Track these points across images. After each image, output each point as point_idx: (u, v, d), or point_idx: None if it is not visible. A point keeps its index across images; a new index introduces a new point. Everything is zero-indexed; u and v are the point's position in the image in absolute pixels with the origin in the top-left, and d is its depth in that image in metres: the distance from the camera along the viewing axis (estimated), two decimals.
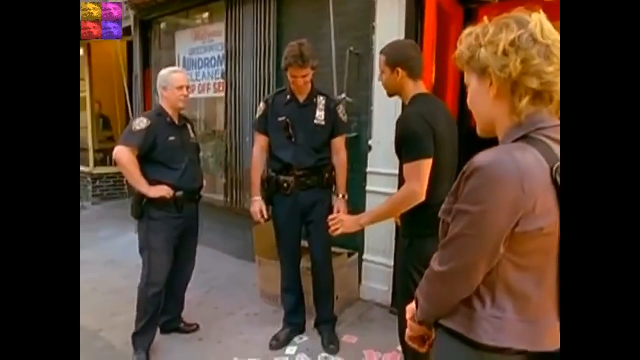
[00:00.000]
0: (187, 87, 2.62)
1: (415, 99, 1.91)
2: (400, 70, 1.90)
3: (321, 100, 2.59)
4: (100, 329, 2.91)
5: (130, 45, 5.13)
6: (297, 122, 2.55)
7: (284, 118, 2.55)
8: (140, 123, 2.51)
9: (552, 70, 0.87)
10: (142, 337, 2.57)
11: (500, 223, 0.85)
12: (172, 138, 2.55)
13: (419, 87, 1.95)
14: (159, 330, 2.73)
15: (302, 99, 2.57)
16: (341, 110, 2.65)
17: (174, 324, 2.85)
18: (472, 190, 0.87)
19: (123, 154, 2.44)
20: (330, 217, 2.09)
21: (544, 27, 0.89)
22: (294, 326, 2.79)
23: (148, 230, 2.55)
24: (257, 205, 2.66)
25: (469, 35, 0.96)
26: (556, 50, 0.87)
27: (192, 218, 2.74)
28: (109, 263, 4.11)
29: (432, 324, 1.05)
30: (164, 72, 2.64)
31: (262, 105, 2.68)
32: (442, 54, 2.87)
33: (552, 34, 0.89)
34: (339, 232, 2.02)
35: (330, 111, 2.59)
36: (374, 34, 3.04)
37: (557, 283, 0.90)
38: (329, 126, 2.59)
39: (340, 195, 2.66)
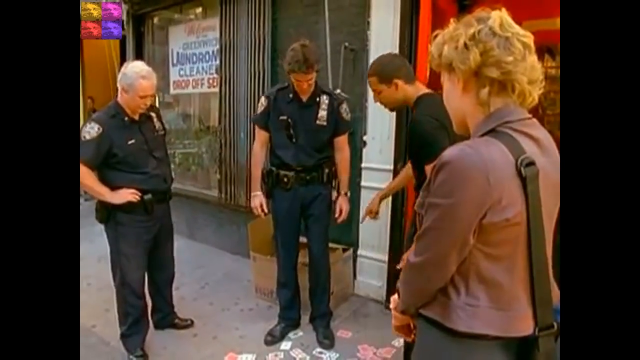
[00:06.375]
0: (153, 95, 2.39)
1: (420, 100, 1.96)
2: (397, 80, 1.96)
3: (324, 100, 2.54)
4: (94, 324, 2.90)
5: (123, 40, 5.08)
6: (298, 123, 2.52)
7: (285, 117, 2.52)
8: (91, 130, 2.22)
9: (512, 60, 0.90)
10: (130, 339, 2.53)
11: (468, 215, 0.88)
12: (131, 141, 2.33)
13: (419, 88, 2.01)
14: (153, 326, 2.72)
15: (304, 98, 2.52)
16: (344, 108, 2.59)
17: (168, 320, 2.83)
18: (440, 183, 0.90)
19: None
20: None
21: (502, 21, 0.92)
22: (289, 321, 2.80)
23: (117, 235, 2.41)
24: (257, 200, 2.65)
25: (435, 37, 1.01)
26: (516, 42, 0.91)
27: (163, 217, 2.59)
28: (102, 258, 4.05)
29: (414, 313, 1.08)
30: (129, 71, 2.30)
31: (263, 101, 2.62)
32: None
33: (511, 27, 0.93)
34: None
35: (333, 110, 2.54)
36: (368, 29, 3.04)
37: (527, 271, 0.94)
38: (330, 126, 2.55)
39: (343, 193, 2.65)
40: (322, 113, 2.53)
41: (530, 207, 0.88)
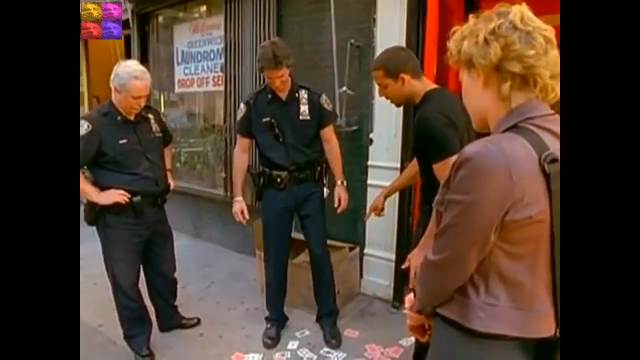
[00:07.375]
0: (147, 95, 2.34)
1: (427, 95, 1.89)
2: (403, 75, 1.88)
3: (303, 95, 2.53)
4: (101, 323, 2.90)
5: (127, 39, 5.08)
6: (282, 121, 2.50)
7: (268, 118, 2.50)
8: (79, 128, 2.16)
9: (533, 54, 0.88)
10: (133, 339, 2.53)
11: (489, 212, 0.86)
12: (123, 140, 2.27)
13: (426, 84, 1.93)
14: (158, 329, 2.71)
15: (283, 96, 2.51)
16: (324, 99, 2.58)
17: (173, 322, 2.81)
18: (461, 180, 0.88)
19: None
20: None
21: (523, 15, 0.91)
22: (279, 322, 2.79)
23: (106, 238, 2.36)
24: (238, 206, 2.63)
25: (454, 32, 1.00)
26: (537, 36, 0.89)
27: (158, 223, 2.53)
28: None
29: (430, 313, 1.06)
30: (122, 71, 2.25)
31: (242, 107, 2.59)
32: (444, 46, 2.83)
33: (532, 21, 0.91)
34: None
35: (314, 103, 2.54)
36: (374, 26, 3.01)
37: (550, 270, 0.91)
38: (314, 119, 2.55)
39: (339, 182, 2.64)
40: (304, 108, 2.52)
41: (554, 205, 0.85)
